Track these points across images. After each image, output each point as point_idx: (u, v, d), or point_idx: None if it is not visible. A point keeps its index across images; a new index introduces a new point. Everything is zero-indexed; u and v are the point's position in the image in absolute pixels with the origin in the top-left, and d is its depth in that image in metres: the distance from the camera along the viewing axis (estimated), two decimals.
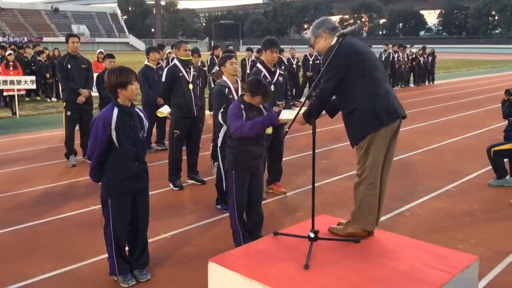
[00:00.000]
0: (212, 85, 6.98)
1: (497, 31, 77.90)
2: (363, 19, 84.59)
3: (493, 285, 3.76)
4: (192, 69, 6.26)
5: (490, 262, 4.09)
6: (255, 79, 4.22)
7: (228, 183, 4.29)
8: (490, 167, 6.47)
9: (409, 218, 5.21)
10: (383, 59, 17.76)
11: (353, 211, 3.66)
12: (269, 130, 4.84)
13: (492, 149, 6.21)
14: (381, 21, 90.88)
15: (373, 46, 18.36)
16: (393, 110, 3.48)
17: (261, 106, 4.29)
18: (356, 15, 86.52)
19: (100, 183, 3.69)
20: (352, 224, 3.65)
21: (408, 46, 21.40)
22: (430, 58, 21.30)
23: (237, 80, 5.37)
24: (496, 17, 75.60)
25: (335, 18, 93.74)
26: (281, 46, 6.21)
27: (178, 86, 6.11)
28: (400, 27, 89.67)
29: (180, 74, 6.11)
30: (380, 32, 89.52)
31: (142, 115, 3.73)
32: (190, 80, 6.17)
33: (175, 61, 6.28)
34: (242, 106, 4.09)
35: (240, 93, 5.32)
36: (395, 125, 3.51)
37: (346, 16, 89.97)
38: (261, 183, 4.45)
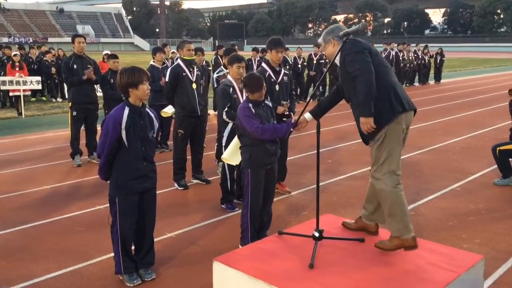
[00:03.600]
0: (215, 85, 6.99)
1: (502, 30, 77.54)
2: (367, 18, 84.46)
3: (499, 284, 3.75)
4: (195, 69, 6.27)
5: (495, 261, 4.08)
6: (248, 77, 4.27)
7: (244, 182, 4.26)
8: (496, 166, 6.46)
9: (414, 218, 5.20)
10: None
11: (388, 221, 3.42)
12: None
13: (498, 149, 6.19)
14: (386, 20, 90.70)
15: (375, 45, 18.45)
16: (410, 100, 3.45)
17: (268, 102, 4.33)
18: (360, 14, 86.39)
19: (108, 182, 3.71)
20: (394, 237, 3.38)
21: (414, 45, 21.33)
22: (439, 57, 21.24)
23: (242, 80, 5.37)
24: (502, 16, 75.27)
25: (340, 18, 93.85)
26: (286, 46, 6.23)
27: (182, 85, 6.13)
28: (405, 26, 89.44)
29: (184, 74, 6.13)
30: (385, 31, 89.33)
31: (152, 115, 3.75)
32: (194, 79, 6.19)
33: (179, 61, 6.30)
34: (250, 104, 4.12)
35: (245, 93, 5.33)
36: (410, 118, 3.44)
37: (351, 15, 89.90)
38: (275, 182, 4.45)
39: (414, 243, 3.32)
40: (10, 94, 13.15)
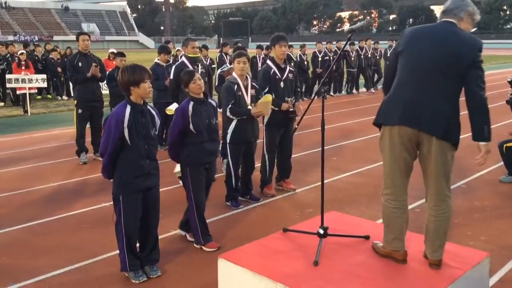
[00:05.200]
0: (217, 83, 6.97)
1: (508, 26, 77.05)
2: (372, 15, 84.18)
3: (504, 281, 3.74)
4: (200, 66, 6.28)
5: (501, 258, 4.07)
6: (182, 73, 4.36)
7: (185, 181, 4.34)
8: (502, 163, 6.43)
9: (420, 215, 5.18)
10: (388, 54, 17.59)
11: None
12: (269, 98, 5.16)
13: (504, 145, 6.16)
14: (391, 16, 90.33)
15: (379, 42, 18.34)
16: (390, 114, 3.15)
17: (211, 101, 4.40)
18: (365, 11, 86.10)
19: (111, 180, 3.72)
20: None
21: None
22: None
23: (247, 77, 5.38)
24: (508, 12, 74.79)
25: (345, 14, 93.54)
26: (290, 43, 6.22)
27: None
28: (410, 22, 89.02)
29: None
30: (390, 28, 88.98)
31: (154, 113, 3.76)
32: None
33: (183, 58, 6.31)
34: (192, 103, 4.19)
35: (250, 90, 5.34)
36: (405, 133, 3.09)
37: (356, 12, 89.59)
38: (212, 180, 4.52)
39: (401, 257, 3.22)
40: (17, 92, 13.23)
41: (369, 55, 16.78)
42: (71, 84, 11.71)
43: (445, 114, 3.03)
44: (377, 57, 17.37)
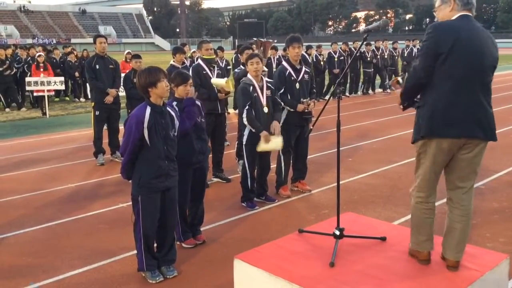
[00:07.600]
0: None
1: None
2: (388, 15, 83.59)
3: None
4: (216, 68, 6.31)
5: None
6: (173, 73, 4.29)
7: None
8: None
9: (437, 216, 5.11)
10: (405, 54, 17.43)
11: None
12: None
13: None
14: (407, 16, 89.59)
15: (398, 42, 18.18)
16: (447, 125, 2.95)
17: (196, 101, 4.33)
18: (381, 11, 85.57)
19: (129, 181, 3.77)
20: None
21: None
22: None
23: (262, 78, 5.39)
24: None
25: (360, 14, 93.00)
26: (307, 44, 6.23)
27: (203, 84, 6.17)
28: (427, 22, 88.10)
29: (204, 72, 6.17)
30: (407, 28, 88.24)
31: (173, 114, 3.80)
32: (214, 77, 6.22)
33: (199, 60, 6.36)
34: (175, 103, 4.15)
35: (265, 91, 5.34)
36: (457, 142, 3.00)
37: (372, 12, 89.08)
38: (204, 180, 4.53)
39: (424, 257, 3.21)
40: (35, 94, 13.43)
41: (385, 56, 16.68)
42: (88, 86, 11.90)
43: (493, 118, 3.08)
44: (395, 58, 17.23)
